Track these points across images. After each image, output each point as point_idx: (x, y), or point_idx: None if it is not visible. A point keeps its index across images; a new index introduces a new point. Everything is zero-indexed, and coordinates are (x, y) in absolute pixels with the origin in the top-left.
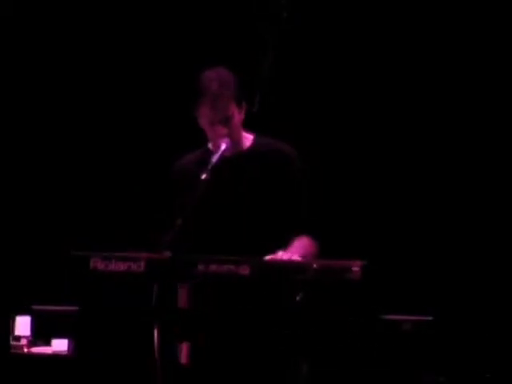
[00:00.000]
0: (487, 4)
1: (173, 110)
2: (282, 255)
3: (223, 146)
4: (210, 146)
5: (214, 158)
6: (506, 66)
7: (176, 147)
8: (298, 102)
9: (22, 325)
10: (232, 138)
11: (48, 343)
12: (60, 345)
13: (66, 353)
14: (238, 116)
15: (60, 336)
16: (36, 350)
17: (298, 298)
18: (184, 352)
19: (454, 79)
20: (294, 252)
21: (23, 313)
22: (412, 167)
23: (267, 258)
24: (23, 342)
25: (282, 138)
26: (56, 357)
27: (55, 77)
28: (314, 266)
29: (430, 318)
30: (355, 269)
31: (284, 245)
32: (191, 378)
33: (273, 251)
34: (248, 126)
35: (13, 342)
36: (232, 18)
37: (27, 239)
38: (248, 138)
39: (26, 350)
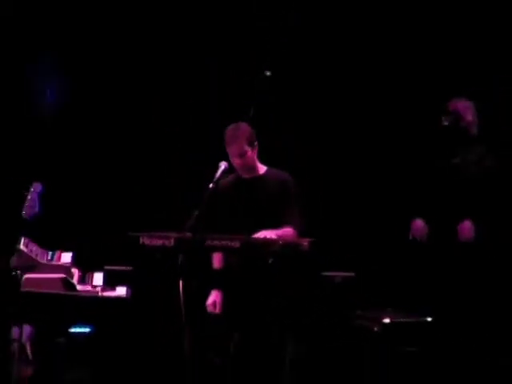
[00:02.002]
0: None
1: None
2: (261, 234)
3: (223, 166)
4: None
5: (217, 174)
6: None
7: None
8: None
9: (98, 278)
10: (246, 166)
11: (114, 290)
12: (121, 291)
13: (125, 296)
14: (250, 153)
15: (121, 285)
16: (106, 293)
17: (270, 261)
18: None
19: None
20: (272, 232)
21: (99, 270)
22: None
23: (254, 236)
24: (98, 289)
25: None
26: (119, 298)
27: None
28: (280, 242)
29: (353, 274)
30: (305, 243)
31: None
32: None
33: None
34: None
35: (91, 289)
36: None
37: (105, 228)
38: (262, 168)
39: (100, 293)
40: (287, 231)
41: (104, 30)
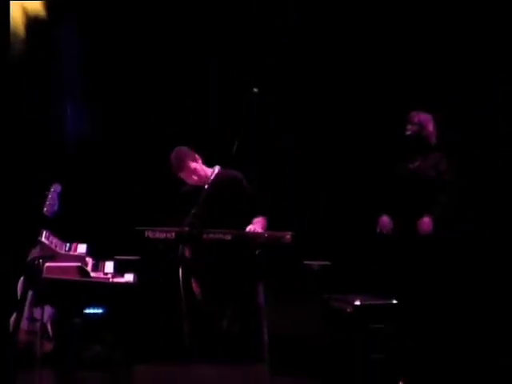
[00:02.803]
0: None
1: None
2: (251, 228)
3: (216, 170)
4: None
5: (212, 176)
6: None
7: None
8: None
9: (109, 266)
10: (200, 179)
11: (123, 276)
12: (129, 277)
13: (132, 282)
14: (198, 166)
15: (129, 272)
16: (116, 280)
17: (257, 252)
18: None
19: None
20: (257, 226)
21: (110, 260)
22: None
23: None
24: (109, 275)
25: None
26: (127, 284)
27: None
28: (266, 235)
29: (329, 263)
30: (287, 236)
31: (248, 223)
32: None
33: (242, 228)
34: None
35: (103, 276)
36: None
37: (116, 224)
38: (214, 171)
39: (110, 280)
40: (261, 221)
41: (104, 29)
